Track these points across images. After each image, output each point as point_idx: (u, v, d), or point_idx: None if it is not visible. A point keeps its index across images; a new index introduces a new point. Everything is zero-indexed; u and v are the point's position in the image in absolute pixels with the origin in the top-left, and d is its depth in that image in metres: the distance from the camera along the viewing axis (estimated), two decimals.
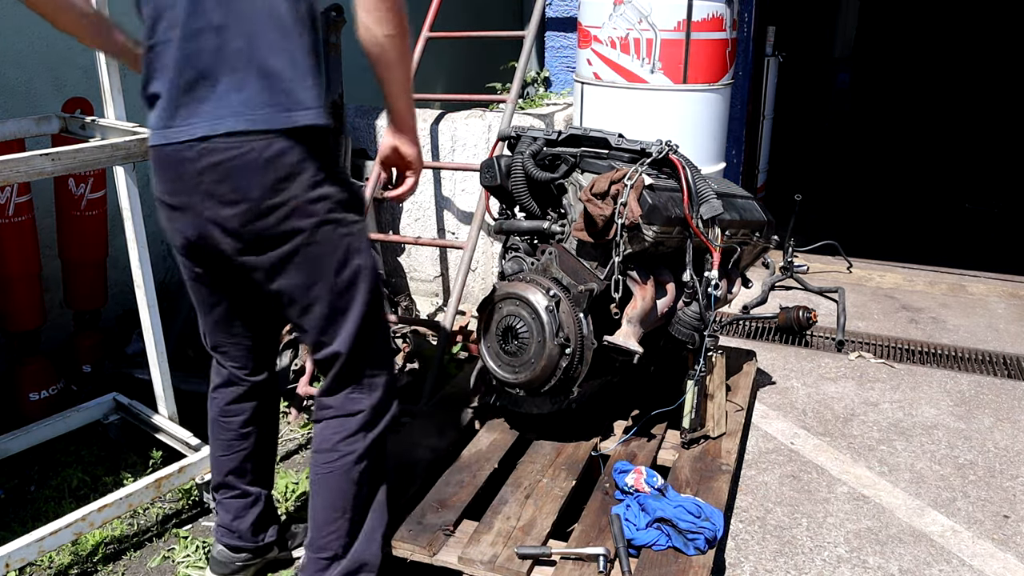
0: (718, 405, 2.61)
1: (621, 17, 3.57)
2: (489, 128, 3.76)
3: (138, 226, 2.40)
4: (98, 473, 2.72)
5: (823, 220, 5.68)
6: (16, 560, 2.10)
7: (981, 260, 4.99)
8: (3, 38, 3.03)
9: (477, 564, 2.01)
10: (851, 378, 3.47)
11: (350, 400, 1.86)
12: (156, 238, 3.63)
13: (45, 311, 3.02)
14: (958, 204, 6.50)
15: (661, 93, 3.62)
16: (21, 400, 2.93)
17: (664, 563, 2.02)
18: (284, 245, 1.69)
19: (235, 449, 2.11)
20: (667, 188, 2.43)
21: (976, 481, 2.75)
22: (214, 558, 2.19)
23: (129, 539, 2.44)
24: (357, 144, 3.97)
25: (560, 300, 2.34)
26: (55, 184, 2.94)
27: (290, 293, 1.76)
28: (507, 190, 2.59)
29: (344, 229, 1.75)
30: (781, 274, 4.51)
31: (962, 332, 3.95)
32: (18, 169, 2.01)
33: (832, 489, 2.69)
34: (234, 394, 2.07)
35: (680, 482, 2.37)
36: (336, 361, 1.82)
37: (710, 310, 2.50)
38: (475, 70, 5.95)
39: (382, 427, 1.90)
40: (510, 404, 2.59)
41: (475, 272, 3.92)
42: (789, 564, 2.34)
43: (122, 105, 2.41)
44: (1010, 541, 2.45)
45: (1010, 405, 3.26)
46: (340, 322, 1.79)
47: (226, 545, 2.17)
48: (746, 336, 3.90)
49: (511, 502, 2.24)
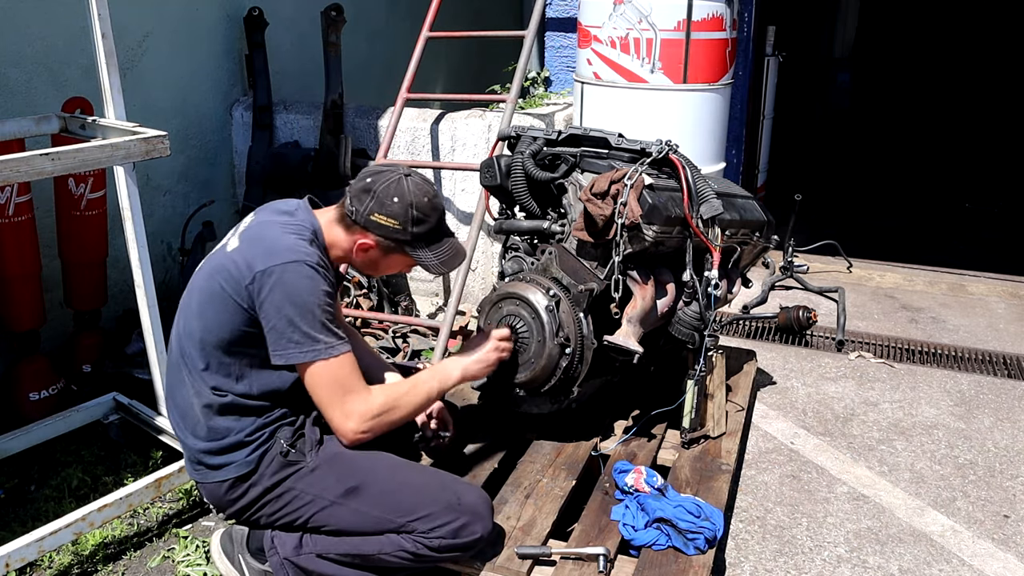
0: (718, 405, 2.61)
1: (621, 17, 3.57)
2: (489, 128, 3.76)
3: (138, 226, 2.39)
4: (98, 473, 2.72)
5: (823, 220, 5.68)
6: (16, 560, 2.10)
7: (981, 260, 4.99)
8: (3, 38, 3.03)
9: (477, 564, 2.01)
10: (851, 378, 3.47)
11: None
12: (156, 238, 3.64)
13: (45, 311, 3.02)
14: (958, 204, 6.50)
15: (661, 93, 3.62)
16: (21, 400, 2.93)
17: (664, 563, 2.02)
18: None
19: None
20: (667, 188, 2.43)
21: (976, 481, 2.75)
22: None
23: (129, 539, 2.44)
24: (357, 144, 3.97)
25: (560, 300, 2.34)
26: (55, 184, 2.94)
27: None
28: (507, 190, 2.59)
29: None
30: (781, 274, 4.50)
31: (962, 332, 3.95)
32: (18, 169, 2.01)
33: (832, 489, 2.69)
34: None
35: (680, 482, 2.37)
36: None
37: (710, 310, 2.50)
38: (475, 70, 5.95)
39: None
40: (510, 404, 2.59)
41: (475, 272, 3.92)
42: (789, 564, 2.34)
43: (122, 105, 2.41)
44: (1010, 541, 2.45)
45: (1010, 405, 3.25)
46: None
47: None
48: (746, 336, 3.90)
49: (511, 502, 2.24)
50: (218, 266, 1.88)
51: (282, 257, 1.81)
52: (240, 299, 1.82)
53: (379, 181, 1.90)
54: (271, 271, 1.79)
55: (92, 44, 2.30)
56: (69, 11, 3.07)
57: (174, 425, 2.00)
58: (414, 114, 3.94)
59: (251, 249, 1.86)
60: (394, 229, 1.90)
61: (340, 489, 1.88)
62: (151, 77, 3.63)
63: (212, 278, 1.87)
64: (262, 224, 1.94)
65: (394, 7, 5.32)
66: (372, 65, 5.09)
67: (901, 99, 9.66)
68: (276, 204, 2.02)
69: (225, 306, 1.84)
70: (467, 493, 1.94)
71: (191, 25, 3.86)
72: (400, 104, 3.67)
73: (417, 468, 2.02)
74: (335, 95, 3.87)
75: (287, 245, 1.84)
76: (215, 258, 1.93)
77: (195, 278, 1.97)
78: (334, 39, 3.91)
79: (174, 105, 3.80)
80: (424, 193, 1.92)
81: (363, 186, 1.91)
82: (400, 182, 1.90)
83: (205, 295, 1.88)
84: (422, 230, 1.92)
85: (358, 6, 4.52)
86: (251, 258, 1.83)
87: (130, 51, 3.50)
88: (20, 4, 3.08)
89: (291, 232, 1.88)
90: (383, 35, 5.20)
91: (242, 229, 1.96)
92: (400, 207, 1.88)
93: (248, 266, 1.82)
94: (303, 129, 4.08)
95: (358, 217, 1.90)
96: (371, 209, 1.88)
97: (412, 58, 3.75)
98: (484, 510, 1.93)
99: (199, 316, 1.89)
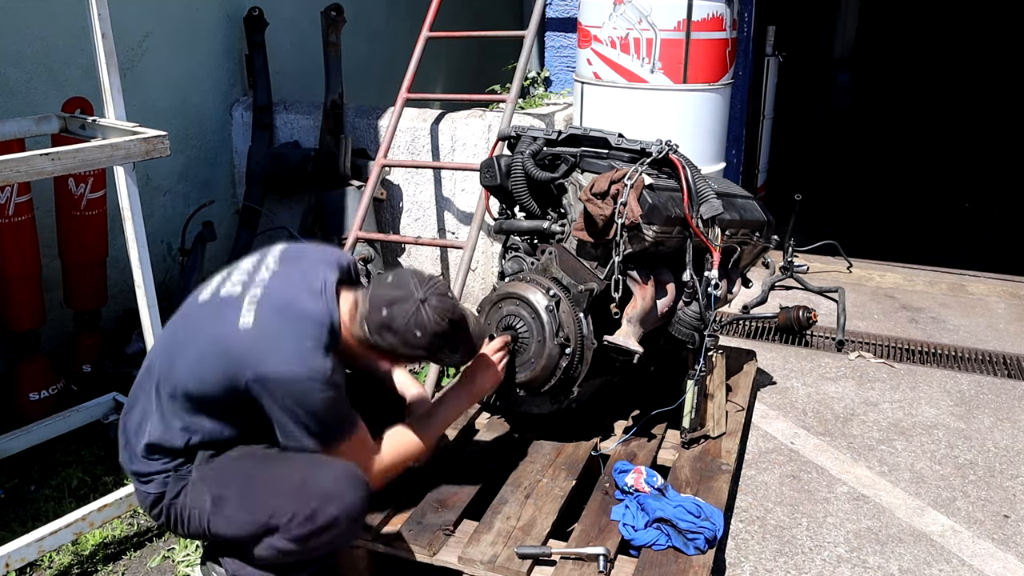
0: (718, 405, 2.61)
1: (621, 17, 3.57)
2: (489, 128, 3.76)
3: (138, 226, 2.39)
4: (98, 473, 2.72)
5: (823, 220, 5.68)
6: (16, 560, 2.10)
7: (981, 260, 4.99)
8: (3, 38, 3.03)
9: (477, 564, 2.01)
10: (851, 378, 3.47)
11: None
12: (156, 238, 3.64)
13: (45, 311, 3.02)
14: (958, 204, 6.49)
15: (661, 93, 3.62)
16: (21, 400, 2.93)
17: (664, 563, 2.02)
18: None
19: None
20: (667, 188, 2.43)
21: (976, 481, 2.75)
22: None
23: (129, 539, 2.44)
24: (357, 144, 3.97)
25: (560, 300, 2.34)
26: (55, 184, 2.94)
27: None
28: (507, 190, 2.59)
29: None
30: (781, 274, 4.50)
31: (962, 332, 3.95)
32: (18, 169, 2.01)
33: (832, 489, 2.69)
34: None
35: (680, 482, 2.37)
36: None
37: (710, 310, 2.50)
38: (475, 70, 5.95)
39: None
40: (510, 404, 2.59)
41: (475, 272, 3.92)
42: (789, 564, 2.34)
43: (122, 105, 2.41)
44: (1010, 541, 2.45)
45: (1010, 405, 3.25)
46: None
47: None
48: (746, 336, 3.90)
49: (511, 502, 2.24)
50: (225, 343, 1.77)
51: (295, 370, 1.74)
52: (240, 387, 1.76)
53: (397, 316, 1.81)
54: (280, 381, 1.74)
55: (92, 44, 2.30)
56: (69, 11, 3.07)
57: (120, 431, 1.97)
58: (414, 114, 3.94)
59: (263, 344, 1.76)
60: (419, 356, 1.91)
61: (210, 499, 1.84)
62: (151, 77, 3.63)
63: (218, 347, 1.78)
64: (282, 305, 1.81)
65: (394, 7, 5.32)
66: (372, 65, 5.09)
67: (901, 99, 9.65)
68: (304, 270, 1.88)
69: (225, 387, 1.78)
70: (320, 476, 1.80)
71: (191, 25, 3.86)
72: (400, 104, 3.67)
73: (279, 460, 1.86)
74: (335, 95, 3.87)
75: (301, 356, 1.75)
76: (223, 320, 1.80)
77: (198, 317, 1.88)
78: (334, 39, 3.91)
79: (174, 105, 3.80)
80: (444, 315, 1.84)
81: (381, 321, 1.82)
82: (419, 313, 1.81)
83: (207, 363, 1.79)
84: (446, 348, 1.90)
85: (358, 6, 4.52)
86: (262, 355, 1.74)
87: (130, 51, 3.50)
88: (20, 4, 3.08)
89: (311, 334, 1.77)
90: (383, 35, 5.20)
91: (261, 279, 1.86)
92: (424, 340, 1.83)
93: (259, 361, 1.74)
94: (303, 129, 4.08)
95: (380, 350, 1.86)
96: (394, 345, 1.83)
97: (412, 58, 3.75)
98: (338, 488, 1.79)
99: (196, 377, 1.80)
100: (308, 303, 1.82)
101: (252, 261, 1.95)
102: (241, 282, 1.87)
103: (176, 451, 1.86)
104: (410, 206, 3.98)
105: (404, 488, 2.27)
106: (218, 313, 1.83)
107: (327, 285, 1.85)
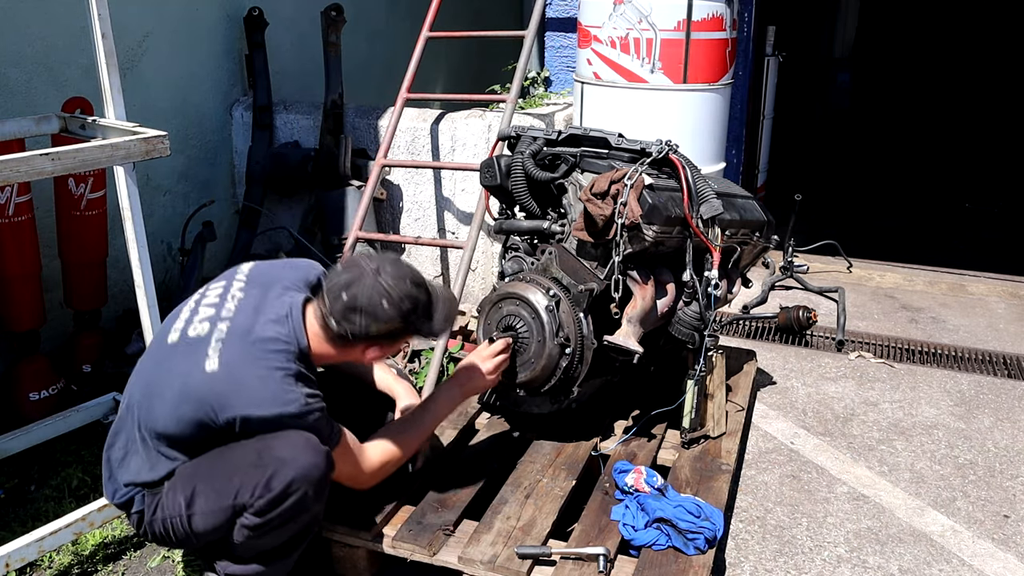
0: (718, 405, 2.61)
1: (621, 17, 3.57)
2: (489, 128, 3.76)
3: (138, 226, 2.39)
4: (98, 473, 2.68)
5: (823, 220, 5.68)
6: (16, 560, 2.10)
7: (981, 260, 4.99)
8: (3, 38, 3.03)
9: (477, 564, 2.01)
10: (851, 378, 3.47)
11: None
12: (156, 238, 3.64)
13: (45, 311, 3.02)
14: (958, 204, 6.50)
15: (661, 93, 3.62)
16: (21, 400, 2.93)
17: (664, 563, 2.02)
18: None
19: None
20: (667, 188, 2.43)
21: (976, 481, 2.75)
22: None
23: (129, 539, 2.44)
24: (357, 144, 3.97)
25: (560, 300, 2.34)
26: (55, 184, 2.94)
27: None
28: (507, 190, 2.59)
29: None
30: (781, 274, 4.50)
31: (962, 332, 3.95)
32: (18, 169, 2.01)
33: (832, 489, 2.69)
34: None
35: (680, 482, 2.37)
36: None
37: (710, 310, 2.50)
38: (475, 70, 5.95)
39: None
40: (510, 404, 2.59)
41: (475, 272, 3.92)
42: (789, 564, 2.34)
43: (122, 105, 2.40)
44: (1010, 541, 2.45)
45: (1010, 405, 3.25)
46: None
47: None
48: (746, 336, 3.90)
49: (511, 502, 2.24)
50: (196, 389, 1.79)
51: (267, 412, 1.77)
52: (216, 426, 1.79)
53: (359, 295, 1.81)
54: (256, 422, 1.78)
55: (92, 44, 2.30)
56: (69, 11, 3.07)
57: (104, 462, 2.00)
58: (414, 114, 3.94)
59: (231, 387, 1.78)
60: (396, 329, 1.88)
61: (183, 500, 1.85)
62: (151, 77, 3.63)
63: (188, 392, 1.80)
64: (248, 340, 1.82)
65: (394, 7, 5.32)
66: (372, 65, 5.09)
67: (901, 99, 9.66)
68: (269, 298, 1.90)
69: (202, 427, 1.81)
70: (273, 444, 1.79)
71: (191, 25, 3.86)
72: (400, 104, 3.67)
73: (237, 444, 1.84)
74: (335, 95, 3.87)
75: (272, 395, 1.78)
76: (193, 364, 1.81)
77: (169, 360, 1.87)
78: (334, 39, 3.91)
79: (174, 105, 3.80)
80: (404, 278, 1.85)
81: (343, 305, 1.82)
82: (377, 283, 1.82)
83: (182, 408, 1.81)
84: (418, 312, 1.88)
85: (358, 6, 4.52)
86: (232, 399, 1.77)
87: (130, 51, 3.50)
88: (20, 4, 3.08)
89: (276, 366, 1.79)
90: (383, 35, 5.20)
91: (227, 312, 1.87)
92: (393, 308, 1.83)
93: (230, 406, 1.77)
94: (303, 129, 4.08)
95: (356, 337, 1.84)
96: (366, 325, 1.82)
97: (412, 58, 3.75)
98: (291, 453, 1.78)
99: (174, 419, 1.82)
100: (272, 331, 1.84)
101: (218, 290, 1.95)
102: (208, 318, 1.88)
103: (158, 482, 1.91)
104: (410, 206, 3.99)
105: (404, 488, 2.27)
106: (186, 357, 1.84)
107: (292, 310, 1.88)
